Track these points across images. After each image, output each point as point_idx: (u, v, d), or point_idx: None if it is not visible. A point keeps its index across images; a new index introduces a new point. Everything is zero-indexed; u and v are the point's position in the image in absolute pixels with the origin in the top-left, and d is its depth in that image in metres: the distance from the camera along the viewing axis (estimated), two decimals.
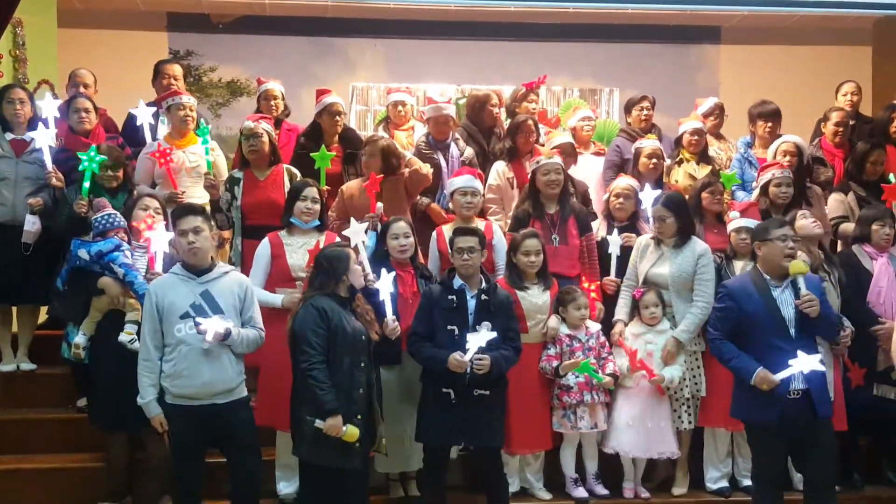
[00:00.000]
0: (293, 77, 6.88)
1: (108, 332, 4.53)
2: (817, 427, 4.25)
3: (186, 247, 4.17)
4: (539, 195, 5.28)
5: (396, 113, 6.31)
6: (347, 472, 4.11)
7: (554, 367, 4.81)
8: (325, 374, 4.03)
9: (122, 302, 4.55)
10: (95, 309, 4.59)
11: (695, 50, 9.96)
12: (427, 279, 4.76)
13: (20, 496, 4.81)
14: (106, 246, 4.56)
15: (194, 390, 4.10)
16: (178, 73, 6.18)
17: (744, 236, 4.98)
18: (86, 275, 4.57)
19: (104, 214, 4.64)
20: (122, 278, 4.53)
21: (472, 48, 9.60)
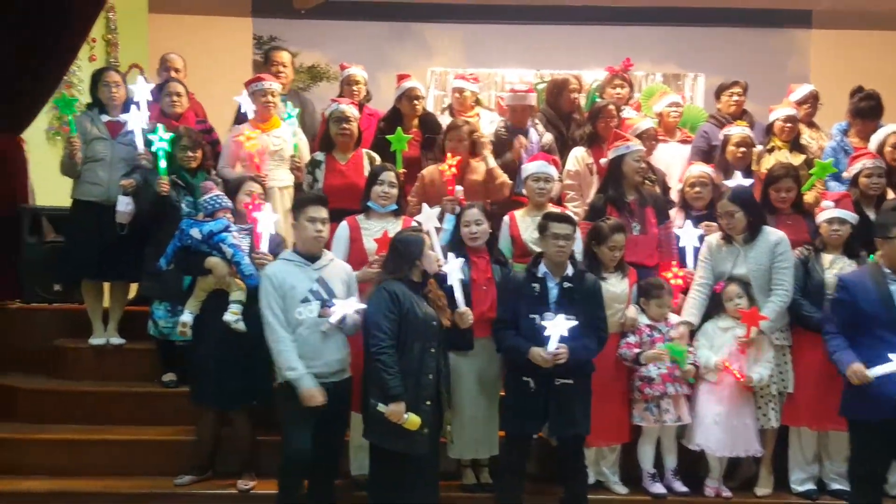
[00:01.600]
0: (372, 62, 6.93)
1: (211, 311, 4.66)
2: None
3: (313, 234, 4.31)
4: (623, 181, 5.18)
5: (455, 99, 6.28)
6: (415, 456, 4.16)
7: (635, 354, 4.72)
8: (393, 359, 4.08)
9: (228, 282, 4.66)
10: (201, 288, 4.71)
11: (784, 34, 9.71)
12: (502, 265, 4.74)
13: (106, 465, 4.97)
14: (217, 226, 4.68)
15: (316, 370, 4.24)
16: (286, 60, 6.27)
17: (836, 227, 4.82)
18: (192, 254, 4.68)
19: (213, 196, 4.76)
20: (229, 258, 4.64)
21: (551, 32, 9.53)
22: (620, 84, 6.42)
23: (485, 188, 5.34)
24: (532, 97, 5.85)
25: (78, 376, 5.55)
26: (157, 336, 5.22)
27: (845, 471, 4.79)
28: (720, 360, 4.71)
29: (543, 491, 4.79)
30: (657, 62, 9.54)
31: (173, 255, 4.75)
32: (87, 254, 5.41)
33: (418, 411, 4.10)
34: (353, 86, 6.20)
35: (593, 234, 4.81)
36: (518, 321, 4.41)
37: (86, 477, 4.89)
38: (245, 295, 4.63)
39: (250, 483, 4.76)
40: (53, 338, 5.76)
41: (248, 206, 4.78)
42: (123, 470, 4.94)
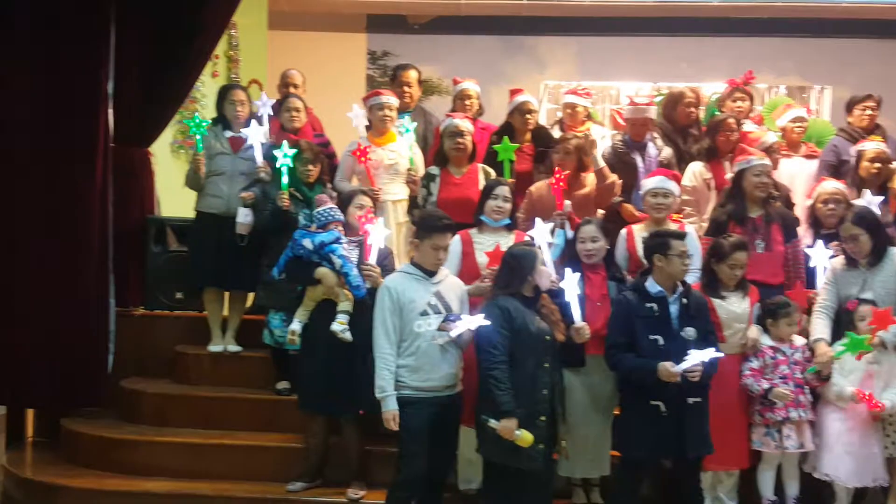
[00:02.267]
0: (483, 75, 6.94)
1: (319, 321, 4.73)
2: None
3: (434, 261, 4.37)
4: (744, 197, 5.04)
5: (566, 115, 6.22)
6: (528, 473, 4.11)
7: (763, 390, 4.56)
8: (505, 375, 4.05)
9: (336, 293, 4.73)
10: (310, 298, 4.79)
11: None
12: (619, 282, 4.66)
13: (223, 469, 5.08)
14: (328, 237, 4.76)
15: (433, 383, 4.28)
16: (413, 80, 6.33)
17: None
18: (303, 264, 4.77)
19: (326, 208, 4.83)
20: (338, 269, 4.71)
21: (668, 44, 9.40)
22: (741, 97, 6.28)
23: (595, 200, 5.29)
24: (652, 110, 5.77)
25: (197, 381, 5.71)
26: (273, 344, 5.32)
27: None
28: (855, 389, 4.50)
29: None
30: (781, 74, 9.32)
31: (285, 265, 4.85)
32: (209, 263, 5.58)
33: (532, 427, 4.05)
34: (465, 100, 6.21)
35: (713, 251, 4.68)
36: (636, 344, 4.29)
37: (203, 480, 5.01)
38: (352, 305, 4.69)
39: (360, 492, 4.79)
40: (174, 344, 5.94)
41: (361, 218, 4.84)
42: (239, 474, 5.04)
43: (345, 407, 4.74)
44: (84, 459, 5.32)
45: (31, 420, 6.06)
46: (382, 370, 4.27)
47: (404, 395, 4.27)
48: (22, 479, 5.23)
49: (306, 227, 4.90)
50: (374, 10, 9.45)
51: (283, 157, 5.25)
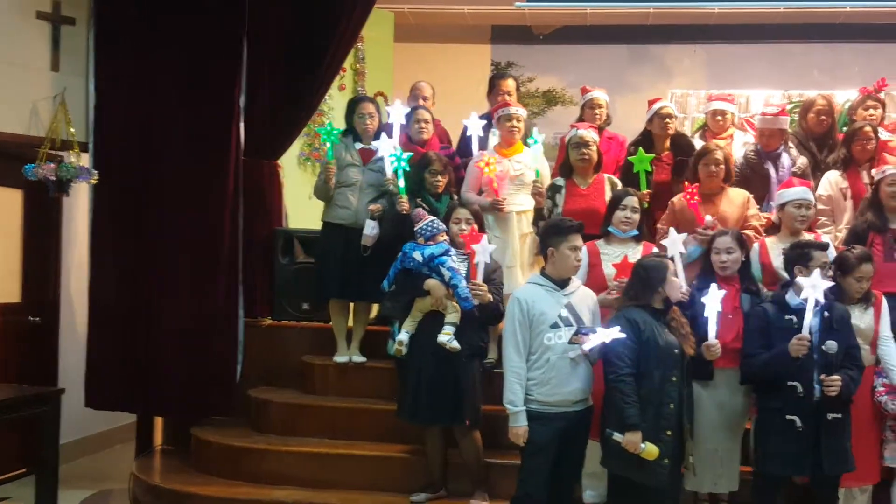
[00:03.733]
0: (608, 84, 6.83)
1: (426, 331, 4.76)
2: None
3: (574, 263, 4.33)
4: (882, 208, 4.91)
5: (715, 122, 6.08)
6: (653, 488, 4.03)
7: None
8: (631, 388, 4.00)
9: (444, 304, 4.75)
10: (418, 309, 4.83)
11: None
12: (754, 294, 4.54)
13: (348, 478, 5.14)
14: (437, 249, 4.79)
15: (561, 398, 4.23)
16: (511, 88, 6.31)
17: None
18: (413, 276, 4.81)
19: (428, 222, 4.86)
20: (447, 281, 4.73)
21: (799, 51, 9.11)
22: (873, 105, 6.03)
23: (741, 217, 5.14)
24: (783, 120, 5.61)
25: (323, 391, 5.79)
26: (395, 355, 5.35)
27: None
28: None
29: None
30: None
31: (394, 277, 4.90)
32: (334, 275, 5.65)
33: (658, 441, 3.99)
34: (595, 109, 6.14)
35: (839, 263, 4.54)
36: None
37: (329, 489, 5.08)
38: (459, 317, 4.70)
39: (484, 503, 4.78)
40: (301, 354, 6.04)
41: (467, 237, 4.85)
42: (364, 484, 5.10)
43: (450, 417, 4.71)
44: (212, 467, 5.46)
45: (161, 428, 6.30)
46: (513, 384, 4.23)
47: (531, 409, 4.23)
48: (151, 486, 5.41)
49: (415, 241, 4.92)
50: (498, 21, 9.43)
51: (396, 161, 5.33)
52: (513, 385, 4.23)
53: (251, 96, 5.90)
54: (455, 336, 4.66)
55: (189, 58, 5.76)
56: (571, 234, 4.29)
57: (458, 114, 6.35)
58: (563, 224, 4.37)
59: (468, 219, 4.95)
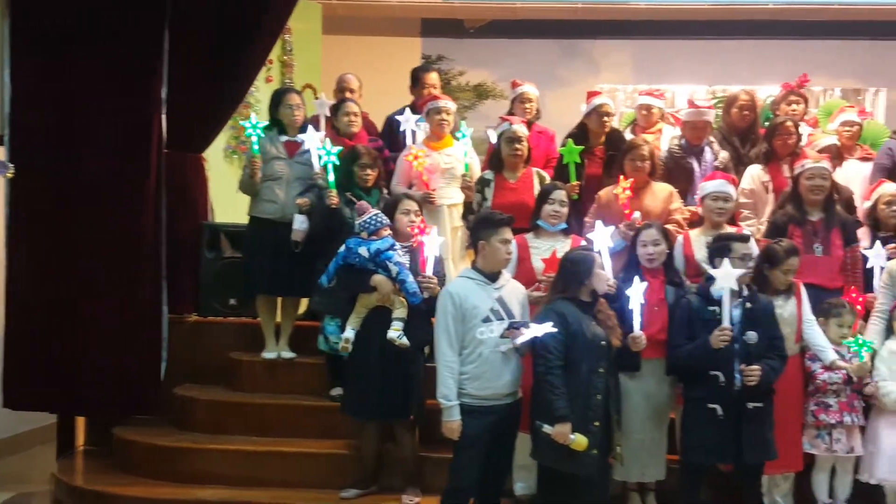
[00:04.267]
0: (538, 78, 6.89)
1: (371, 327, 4.71)
2: None
3: (505, 256, 4.34)
4: (801, 201, 5.01)
5: (642, 117, 6.16)
6: (583, 478, 4.07)
7: (846, 376, 4.56)
8: (560, 380, 4.04)
9: (392, 300, 4.71)
10: (363, 305, 4.77)
11: None
12: (678, 286, 4.61)
13: (278, 476, 5.07)
14: (383, 244, 4.73)
15: (493, 391, 4.24)
16: (435, 82, 6.32)
17: None
18: (357, 272, 4.75)
19: (372, 216, 4.80)
20: (394, 276, 4.69)
21: (724, 47, 9.30)
22: (796, 100, 6.21)
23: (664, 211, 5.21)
24: (711, 113, 5.71)
25: (251, 388, 5.70)
26: (327, 351, 5.31)
27: None
28: None
29: None
30: (836, 77, 9.17)
31: (335, 273, 4.83)
32: (262, 269, 5.58)
33: (586, 432, 4.03)
34: (525, 103, 6.15)
35: (766, 256, 4.64)
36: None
37: (258, 487, 5.01)
38: (407, 312, 4.67)
39: (415, 499, 4.78)
40: (228, 351, 5.94)
41: (415, 228, 4.82)
42: (293, 481, 5.03)
43: (396, 412, 4.71)
44: (136, 468, 5.33)
45: (83, 428, 6.12)
46: (447, 378, 4.23)
47: (464, 402, 4.23)
48: (73, 487, 5.27)
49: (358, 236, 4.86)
50: (428, 14, 9.41)
51: (326, 156, 5.27)
52: (446, 380, 4.22)
53: (174, 88, 5.75)
54: (403, 331, 4.63)
55: (109, 49, 5.59)
56: (502, 227, 4.30)
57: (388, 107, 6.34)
58: (494, 217, 4.39)
59: (416, 210, 4.93)
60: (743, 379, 4.19)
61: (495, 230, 4.30)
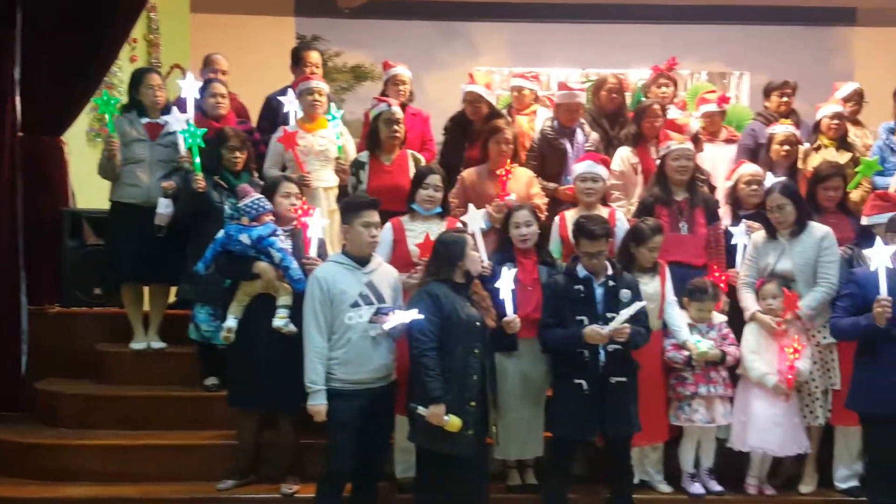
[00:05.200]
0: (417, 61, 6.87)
1: (256, 316, 4.61)
2: None
3: (368, 239, 4.29)
4: (668, 181, 5.14)
5: (515, 98, 6.21)
6: (461, 458, 4.11)
7: (686, 357, 4.69)
8: (434, 362, 4.06)
9: (276, 287, 4.61)
10: (245, 293, 4.65)
11: (829, 32, 9.56)
12: (549, 266, 4.67)
13: (150, 470, 4.94)
14: (265, 230, 4.62)
15: (363, 376, 4.22)
16: (317, 61, 6.21)
17: None
18: (237, 259, 4.62)
19: (254, 200, 4.68)
20: (277, 263, 4.59)
21: (599, 31, 9.45)
22: (665, 83, 6.35)
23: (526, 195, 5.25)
24: (583, 95, 5.79)
25: (120, 381, 5.52)
26: (199, 340, 5.18)
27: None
28: (777, 379, 4.67)
29: (589, 491, 4.78)
30: (704, 61, 9.45)
31: (213, 260, 4.70)
32: (127, 257, 5.39)
33: (462, 413, 4.06)
34: (399, 85, 6.09)
35: (633, 234, 4.77)
36: (564, 324, 4.37)
37: (129, 483, 4.87)
38: (292, 299, 4.59)
39: (294, 487, 4.72)
40: (94, 342, 5.74)
41: (297, 210, 4.74)
42: (167, 475, 4.91)
43: (283, 402, 4.63)
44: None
45: None
46: (315, 363, 4.20)
47: (333, 387, 4.21)
48: None
49: (237, 221, 4.72)
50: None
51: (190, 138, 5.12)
52: (315, 365, 4.19)
53: (28, 68, 5.50)
54: (290, 318, 4.54)
55: None
56: (364, 210, 4.27)
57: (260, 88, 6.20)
58: (356, 200, 4.37)
59: (297, 193, 4.84)
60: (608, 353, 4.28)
61: (358, 213, 4.27)
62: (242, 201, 4.69)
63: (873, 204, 4.86)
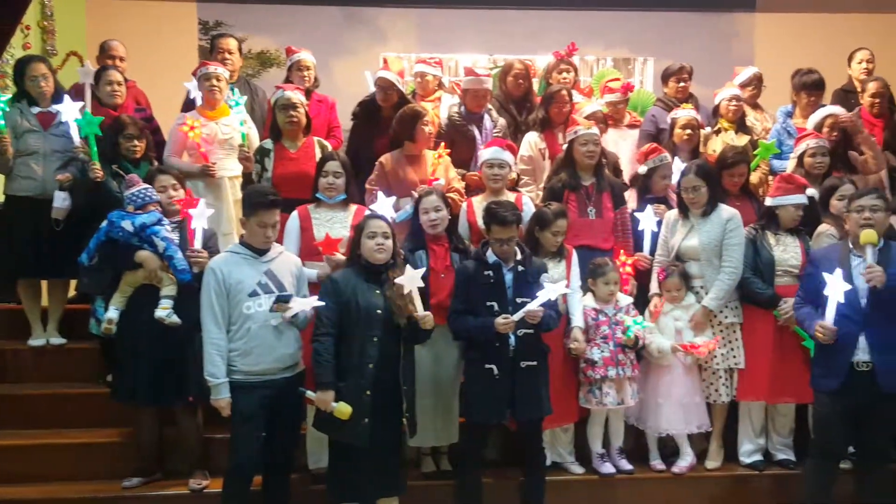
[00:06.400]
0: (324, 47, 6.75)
1: (139, 307, 4.50)
2: (881, 400, 4.24)
3: (262, 239, 4.21)
4: (575, 166, 5.19)
5: (418, 84, 6.20)
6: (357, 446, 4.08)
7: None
8: (325, 348, 4.06)
9: (159, 277, 4.51)
10: (127, 283, 4.55)
11: (729, 18, 9.72)
12: (462, 252, 4.67)
13: (52, 470, 4.82)
14: (150, 219, 4.52)
15: (266, 366, 4.15)
16: (232, 47, 6.10)
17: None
18: (121, 248, 4.51)
19: (140, 189, 4.58)
20: (161, 252, 4.48)
21: (506, 17, 9.43)
22: (566, 68, 6.42)
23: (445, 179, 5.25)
24: (489, 81, 5.81)
25: (18, 379, 5.41)
26: (100, 334, 5.00)
27: (791, 441, 5.06)
28: (672, 343, 4.83)
29: (503, 475, 4.83)
30: (609, 46, 9.53)
31: (97, 250, 4.57)
32: (23, 251, 5.25)
33: (358, 401, 4.04)
34: (302, 71, 6.04)
35: (537, 219, 4.81)
36: (474, 310, 4.37)
37: (31, 483, 4.75)
38: (176, 289, 4.50)
39: (203, 482, 4.66)
40: None
41: (181, 201, 4.64)
42: (70, 475, 4.81)
43: (173, 396, 4.55)
44: None
45: None
46: (213, 356, 4.12)
47: (235, 379, 4.15)
48: None
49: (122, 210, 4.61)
50: None
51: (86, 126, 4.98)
52: (213, 357, 4.12)
53: None
54: (174, 310, 4.44)
55: None
56: (262, 211, 4.18)
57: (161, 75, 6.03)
58: (255, 198, 4.25)
59: (174, 184, 4.72)
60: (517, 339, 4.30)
61: (255, 212, 4.20)
62: (129, 190, 4.59)
63: (778, 186, 5.01)
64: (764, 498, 4.91)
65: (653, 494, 4.90)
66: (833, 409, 4.34)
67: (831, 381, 4.30)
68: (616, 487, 4.88)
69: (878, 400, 4.23)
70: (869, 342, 4.23)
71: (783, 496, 4.78)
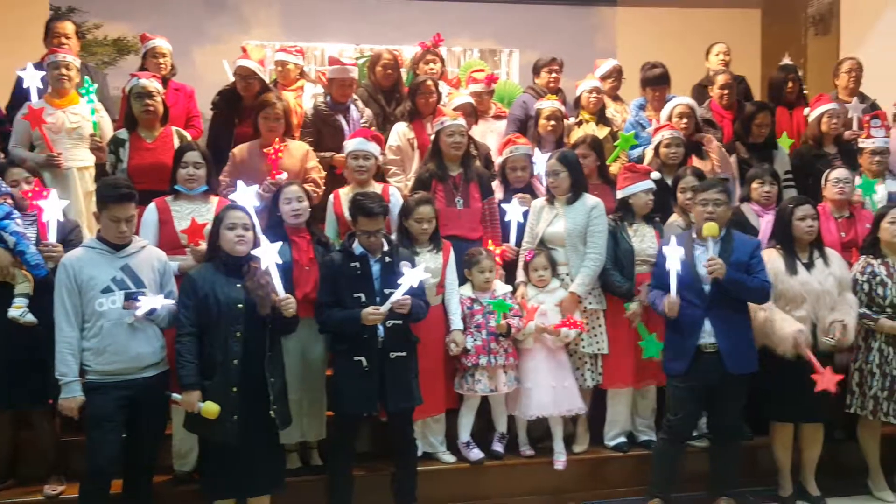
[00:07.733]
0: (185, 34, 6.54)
1: None
2: (728, 380, 4.48)
3: (116, 234, 4.03)
4: (443, 157, 5.21)
5: (279, 73, 6.11)
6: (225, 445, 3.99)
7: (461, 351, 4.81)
8: (186, 347, 3.97)
9: (12, 273, 4.28)
10: None
11: (593, 12, 9.99)
12: (324, 245, 4.62)
13: None
14: None
15: (122, 366, 3.99)
16: (69, 31, 5.81)
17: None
18: None
19: None
20: (12, 248, 4.26)
21: (373, 6, 9.42)
22: (433, 59, 6.46)
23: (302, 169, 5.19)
24: (355, 70, 5.76)
25: None
26: None
27: (653, 423, 5.24)
28: (536, 324, 4.88)
29: (374, 468, 4.82)
30: (476, 38, 9.63)
31: None
32: None
33: (225, 398, 3.95)
34: (158, 59, 5.85)
35: (402, 210, 4.84)
36: (342, 302, 4.33)
37: None
38: (32, 287, 4.29)
39: (59, 487, 4.48)
40: None
41: (29, 192, 4.41)
42: None
43: (29, 398, 4.34)
44: None
45: None
46: (65, 354, 3.94)
47: (90, 380, 3.98)
48: None
49: None
50: None
51: None
52: (64, 356, 3.94)
53: None
54: (30, 308, 4.22)
55: None
56: (114, 205, 4.01)
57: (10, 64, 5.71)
58: (109, 192, 4.07)
59: (27, 177, 4.50)
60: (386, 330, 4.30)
61: (107, 206, 4.04)
62: None
63: (625, 177, 5.16)
64: (627, 478, 5.06)
65: (522, 479, 4.97)
66: (684, 391, 4.56)
67: (680, 364, 4.54)
68: (486, 474, 4.93)
69: (725, 380, 4.49)
70: (713, 326, 4.48)
71: (644, 476, 4.91)
